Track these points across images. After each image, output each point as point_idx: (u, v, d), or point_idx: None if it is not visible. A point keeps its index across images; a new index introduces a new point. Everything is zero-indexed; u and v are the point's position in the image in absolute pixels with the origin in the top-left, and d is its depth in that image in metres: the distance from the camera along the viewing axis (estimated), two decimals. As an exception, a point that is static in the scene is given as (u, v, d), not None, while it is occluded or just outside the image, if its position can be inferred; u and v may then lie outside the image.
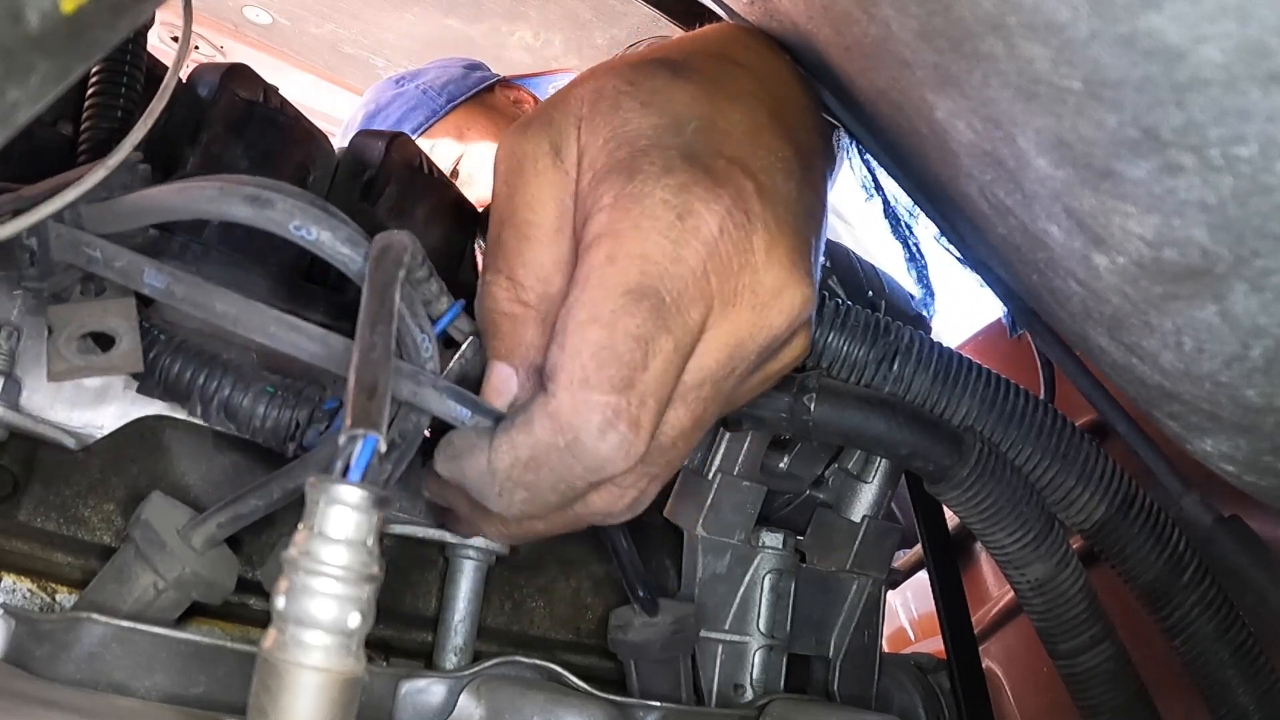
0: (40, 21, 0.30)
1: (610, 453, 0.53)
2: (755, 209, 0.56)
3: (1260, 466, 0.63)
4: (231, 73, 0.75)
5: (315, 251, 0.56)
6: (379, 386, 0.44)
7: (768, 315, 0.57)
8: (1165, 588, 0.80)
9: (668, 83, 0.61)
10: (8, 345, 0.62)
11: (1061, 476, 0.80)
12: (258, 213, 0.55)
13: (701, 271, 0.54)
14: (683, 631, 0.79)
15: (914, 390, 0.79)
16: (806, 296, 0.58)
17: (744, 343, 0.57)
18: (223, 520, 0.62)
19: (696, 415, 0.58)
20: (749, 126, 0.61)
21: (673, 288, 0.53)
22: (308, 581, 0.38)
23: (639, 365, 0.52)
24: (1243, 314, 0.50)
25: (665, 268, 0.53)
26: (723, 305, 0.55)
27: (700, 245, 0.54)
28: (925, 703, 1.02)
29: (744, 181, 0.56)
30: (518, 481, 0.56)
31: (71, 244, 0.57)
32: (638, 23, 1.32)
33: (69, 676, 0.57)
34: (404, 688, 0.69)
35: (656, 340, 0.53)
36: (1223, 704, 0.79)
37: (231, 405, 0.64)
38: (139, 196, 0.58)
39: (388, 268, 0.53)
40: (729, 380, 0.58)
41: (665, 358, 0.53)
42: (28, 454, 0.65)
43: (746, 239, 0.55)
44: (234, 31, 1.64)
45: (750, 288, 0.56)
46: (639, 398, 0.53)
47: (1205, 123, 0.41)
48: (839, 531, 0.93)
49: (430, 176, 0.84)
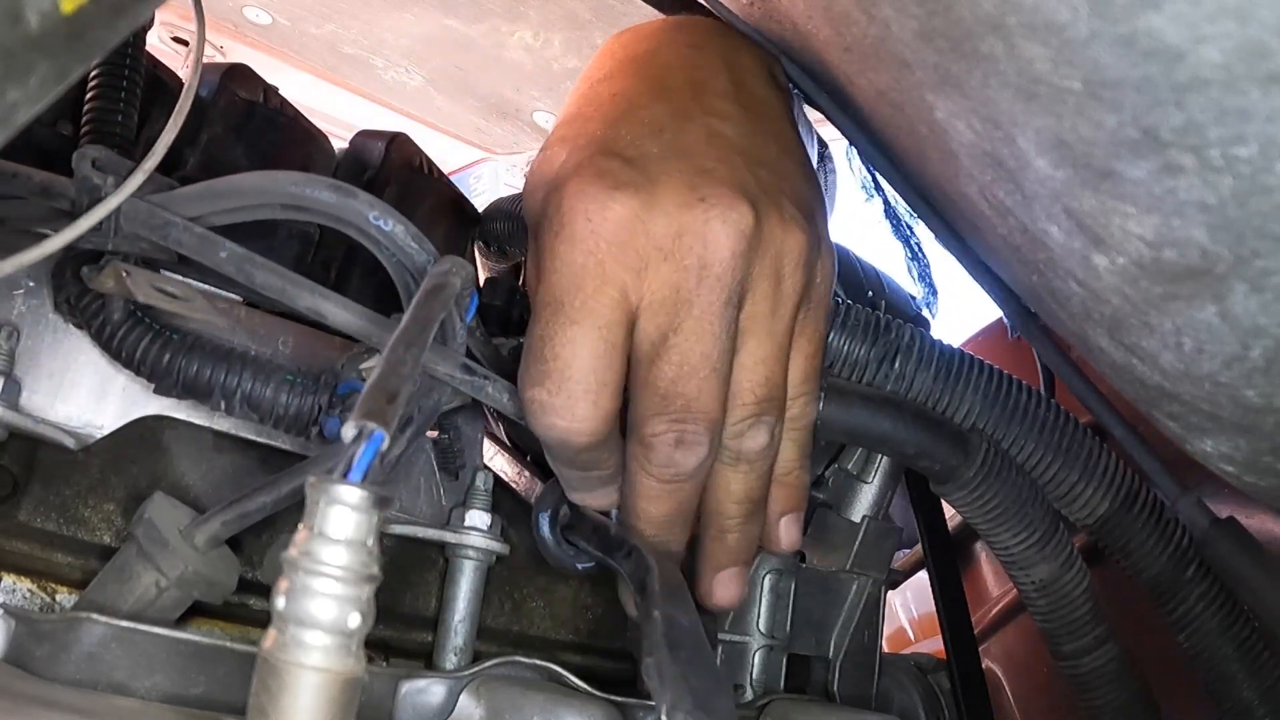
0: (40, 22, 0.30)
1: (549, 434, 0.62)
2: (625, 180, 0.62)
3: (1260, 467, 0.63)
4: (232, 73, 0.75)
5: (384, 242, 0.61)
6: (399, 396, 0.44)
7: (683, 255, 0.61)
8: (1170, 582, 0.80)
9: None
10: (8, 345, 0.62)
11: (1065, 472, 0.80)
12: (341, 200, 0.61)
13: (592, 262, 0.61)
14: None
15: (916, 388, 0.79)
16: (718, 213, 0.62)
17: (682, 287, 0.61)
18: (227, 519, 0.62)
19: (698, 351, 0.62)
20: (620, 110, 0.68)
21: (567, 288, 0.61)
22: (308, 582, 0.38)
23: (546, 358, 0.61)
24: (1243, 314, 0.50)
25: (556, 277, 0.62)
26: (642, 272, 0.62)
27: (579, 244, 0.61)
28: (925, 703, 1.02)
29: (608, 163, 0.63)
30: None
31: (149, 222, 0.60)
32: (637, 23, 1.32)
33: (69, 677, 0.57)
34: (404, 688, 0.69)
35: (561, 333, 0.61)
36: (1227, 699, 0.79)
37: (254, 397, 0.65)
38: (224, 182, 0.62)
39: (434, 306, 0.55)
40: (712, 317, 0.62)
41: (573, 342, 0.61)
42: (28, 454, 0.65)
43: (623, 212, 0.61)
44: (234, 31, 1.63)
45: (652, 244, 0.61)
46: (555, 383, 0.61)
47: (1205, 123, 0.41)
48: (839, 532, 0.93)
49: (430, 176, 0.84)
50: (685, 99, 0.69)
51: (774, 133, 0.71)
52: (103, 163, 0.60)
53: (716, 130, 0.67)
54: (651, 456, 0.64)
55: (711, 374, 0.62)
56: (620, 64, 0.74)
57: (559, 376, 0.61)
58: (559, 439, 0.62)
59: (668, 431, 0.63)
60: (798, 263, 0.65)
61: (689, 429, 0.63)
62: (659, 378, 0.62)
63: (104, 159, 0.60)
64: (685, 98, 0.69)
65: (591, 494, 0.69)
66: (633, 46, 0.76)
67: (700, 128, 0.67)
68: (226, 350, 0.65)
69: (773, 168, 0.67)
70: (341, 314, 0.61)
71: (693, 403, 0.62)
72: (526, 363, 0.62)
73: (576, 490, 0.69)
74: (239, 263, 0.60)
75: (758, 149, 0.68)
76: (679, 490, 0.65)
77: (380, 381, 0.45)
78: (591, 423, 0.61)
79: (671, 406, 0.62)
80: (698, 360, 0.62)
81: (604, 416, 0.62)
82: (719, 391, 0.63)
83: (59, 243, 0.50)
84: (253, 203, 0.61)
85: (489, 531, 0.75)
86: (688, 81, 0.71)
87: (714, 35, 0.78)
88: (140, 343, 0.63)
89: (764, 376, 0.65)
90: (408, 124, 1.84)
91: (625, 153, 0.64)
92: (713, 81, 0.71)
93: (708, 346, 0.62)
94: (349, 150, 0.83)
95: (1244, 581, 0.71)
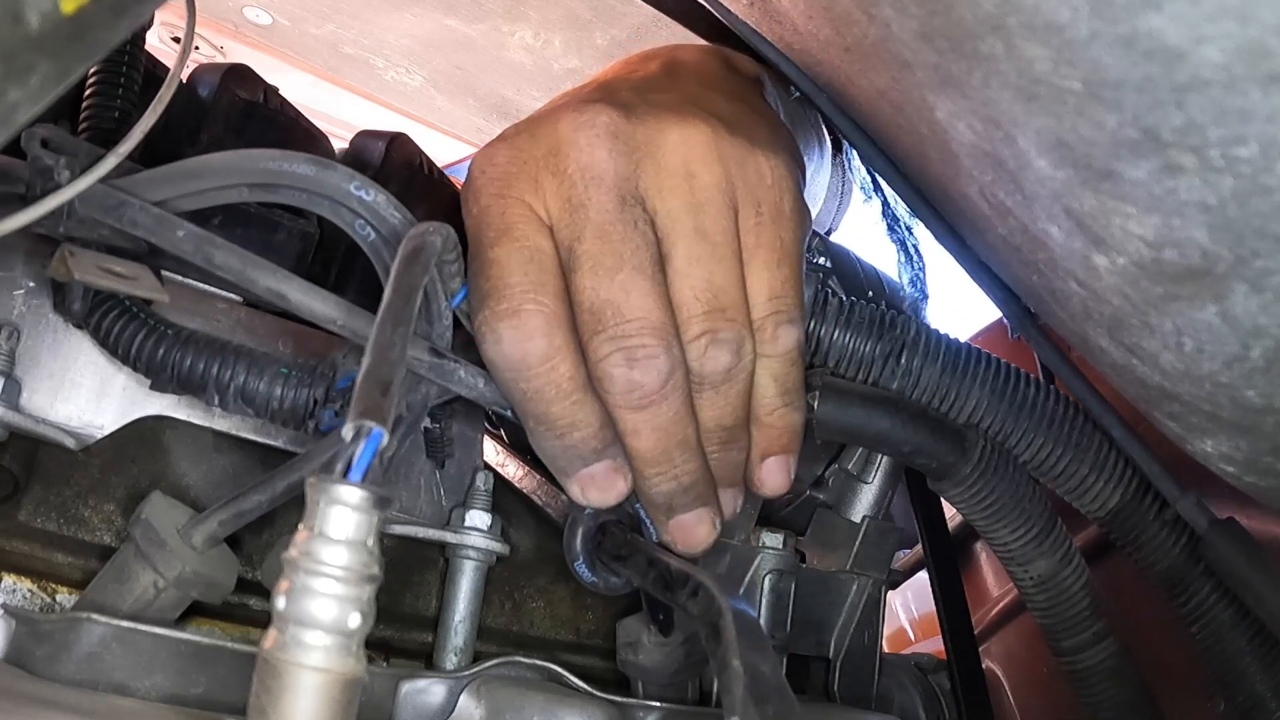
0: (40, 22, 0.30)
1: (507, 355, 0.61)
2: (512, 131, 0.65)
3: (1260, 467, 0.63)
4: (232, 73, 0.75)
5: (364, 214, 0.62)
6: (392, 385, 0.44)
7: (564, 164, 0.62)
8: (1182, 575, 0.79)
9: None
10: (8, 345, 0.62)
11: (1075, 465, 0.80)
12: (320, 172, 0.60)
13: (493, 198, 0.63)
14: (695, 654, 0.78)
15: (923, 384, 0.78)
16: (586, 119, 0.63)
17: (572, 195, 0.62)
18: (224, 518, 0.62)
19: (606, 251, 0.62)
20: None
21: (480, 226, 0.63)
22: (308, 582, 0.38)
23: (480, 285, 0.61)
24: (1243, 315, 0.50)
25: (471, 224, 0.64)
26: (538, 191, 0.63)
27: (481, 192, 0.63)
28: (925, 703, 1.02)
29: (507, 129, 0.66)
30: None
31: (104, 204, 0.59)
32: (638, 23, 1.32)
33: (69, 677, 0.57)
34: (404, 688, 0.69)
35: (484, 255, 0.62)
36: (1240, 692, 0.79)
37: (248, 390, 0.64)
38: (196, 161, 0.60)
39: (416, 271, 0.54)
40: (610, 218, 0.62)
41: (497, 259, 0.61)
42: (28, 454, 0.65)
43: (506, 150, 0.64)
44: (234, 32, 1.63)
45: (539, 166, 0.63)
46: (495, 298, 0.61)
47: (1205, 123, 0.41)
48: (839, 532, 0.93)
49: (430, 175, 0.84)
50: (601, 79, 0.72)
51: (701, 79, 0.73)
52: (55, 143, 0.58)
53: (621, 84, 0.70)
54: (611, 386, 0.62)
55: (632, 273, 0.61)
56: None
57: (496, 293, 0.60)
58: (518, 357, 0.60)
59: (614, 351, 0.61)
60: (709, 156, 0.63)
61: (634, 341, 0.61)
62: (580, 289, 0.61)
63: (55, 139, 0.58)
64: (602, 79, 0.73)
65: (587, 476, 0.65)
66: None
67: (602, 88, 0.69)
68: (221, 344, 0.65)
69: (683, 93, 0.69)
70: (305, 299, 0.60)
71: (623, 308, 0.60)
72: (470, 302, 0.63)
73: (568, 473, 0.65)
74: (197, 243, 0.59)
75: (665, 85, 0.70)
76: (657, 415, 0.63)
77: (372, 372, 0.45)
78: (541, 323, 0.60)
79: (604, 319, 0.61)
80: (610, 261, 0.61)
81: (551, 318, 0.60)
82: (649, 290, 0.61)
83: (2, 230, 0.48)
84: (224, 183, 0.60)
85: (489, 532, 0.76)
86: (613, 73, 0.74)
87: (660, 47, 0.81)
88: (135, 337, 0.63)
89: (704, 281, 0.63)
90: (408, 124, 1.84)
91: (519, 123, 0.67)
92: (643, 69, 0.74)
93: (615, 244, 0.61)
94: (349, 150, 0.83)
95: (1244, 582, 0.71)
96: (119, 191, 0.58)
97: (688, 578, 0.59)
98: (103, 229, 0.60)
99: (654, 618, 0.76)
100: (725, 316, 0.63)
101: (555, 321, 0.60)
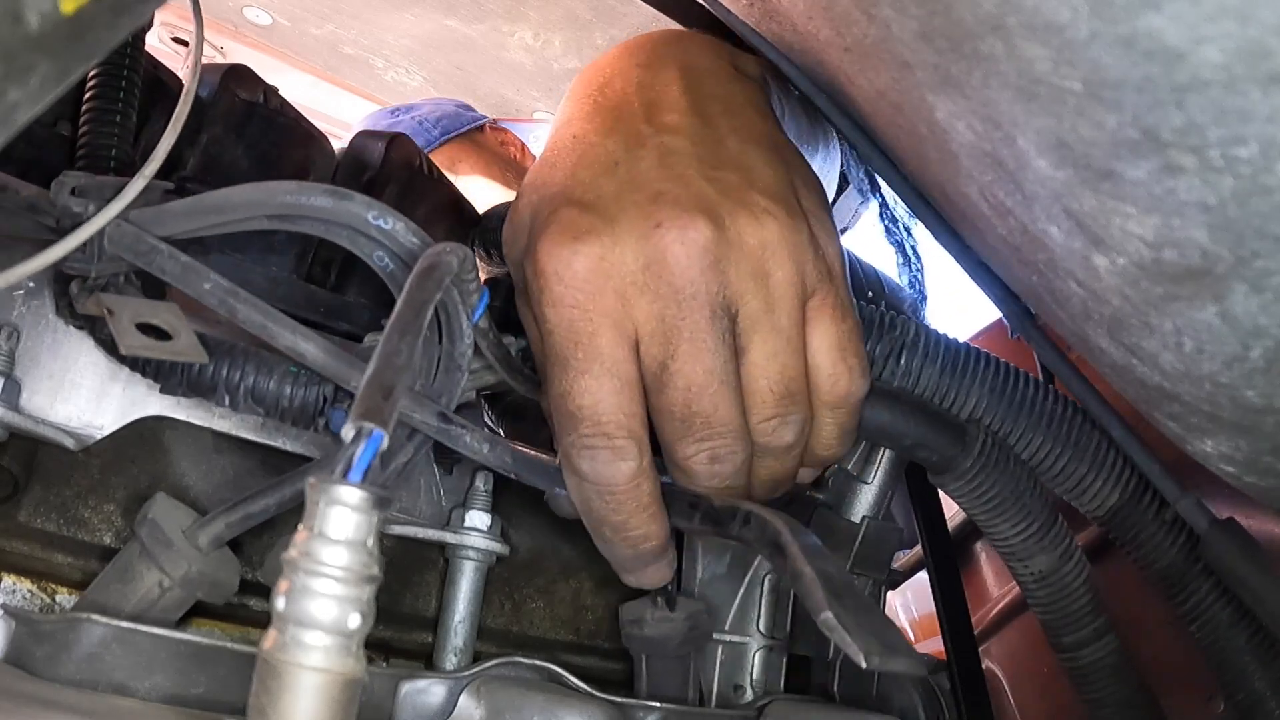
0: (40, 22, 0.30)
1: (600, 478, 0.64)
2: (585, 228, 0.64)
3: (1260, 467, 0.63)
4: (231, 74, 0.75)
5: (384, 241, 0.61)
6: (395, 391, 0.44)
7: (655, 284, 0.63)
8: (1180, 574, 0.79)
9: None
10: (8, 346, 0.62)
11: (1074, 464, 0.80)
12: (338, 204, 0.60)
13: (578, 315, 0.63)
14: (698, 628, 0.79)
15: (923, 383, 0.79)
16: (675, 235, 0.63)
17: (665, 314, 0.63)
18: (231, 520, 0.62)
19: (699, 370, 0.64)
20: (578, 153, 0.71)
21: (566, 345, 0.64)
22: (308, 582, 0.38)
23: (572, 411, 0.64)
24: (1243, 315, 0.50)
25: (553, 339, 0.65)
26: (626, 307, 0.64)
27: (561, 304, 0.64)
28: (925, 703, 1.02)
29: (568, 213, 0.65)
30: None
31: (134, 246, 0.60)
32: (638, 23, 1.32)
33: (69, 677, 0.57)
34: (404, 688, 0.69)
35: (576, 385, 0.64)
36: (1240, 690, 0.79)
37: (258, 390, 0.65)
38: (216, 196, 0.61)
39: (429, 287, 0.54)
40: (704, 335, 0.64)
41: (589, 390, 0.64)
42: (28, 455, 0.65)
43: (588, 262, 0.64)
44: (234, 32, 1.63)
45: (626, 280, 0.64)
46: (590, 427, 0.64)
47: (1205, 124, 0.41)
48: (839, 532, 0.93)
49: (430, 177, 0.84)
50: (638, 125, 0.70)
51: (735, 127, 0.72)
52: (83, 189, 0.60)
53: (670, 148, 0.68)
54: (693, 478, 0.67)
55: (721, 387, 0.64)
56: (580, 104, 0.76)
57: (590, 421, 0.63)
58: (608, 478, 0.64)
59: (699, 453, 0.66)
60: (782, 253, 0.65)
61: (718, 444, 0.65)
62: (672, 404, 0.64)
63: (84, 185, 0.60)
64: (638, 123, 0.70)
65: (648, 574, 0.71)
66: (592, 82, 0.77)
67: (653, 151, 0.68)
68: (229, 346, 0.65)
69: (735, 165, 0.68)
70: (321, 357, 0.61)
71: (711, 418, 0.64)
72: (560, 426, 0.65)
73: (629, 571, 0.71)
74: (223, 295, 0.60)
75: (715, 152, 0.69)
76: (730, 491, 0.68)
77: (375, 376, 0.45)
78: (634, 451, 0.64)
79: (692, 428, 0.65)
80: (702, 379, 0.64)
81: (640, 444, 0.64)
82: (733, 400, 0.65)
83: (26, 270, 0.49)
84: (244, 215, 0.61)
85: (489, 532, 0.76)
86: (641, 105, 0.72)
87: (668, 45, 0.80)
88: None
89: (778, 372, 0.66)
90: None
91: (584, 198, 0.66)
92: (665, 97, 0.73)
93: (708, 363, 0.64)
94: (349, 151, 0.83)
95: (1244, 583, 0.71)
96: (147, 234, 0.60)
97: (735, 510, 0.63)
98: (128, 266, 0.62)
99: (662, 590, 0.78)
100: (794, 401, 0.67)
101: (644, 447, 0.64)
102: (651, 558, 0.69)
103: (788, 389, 0.67)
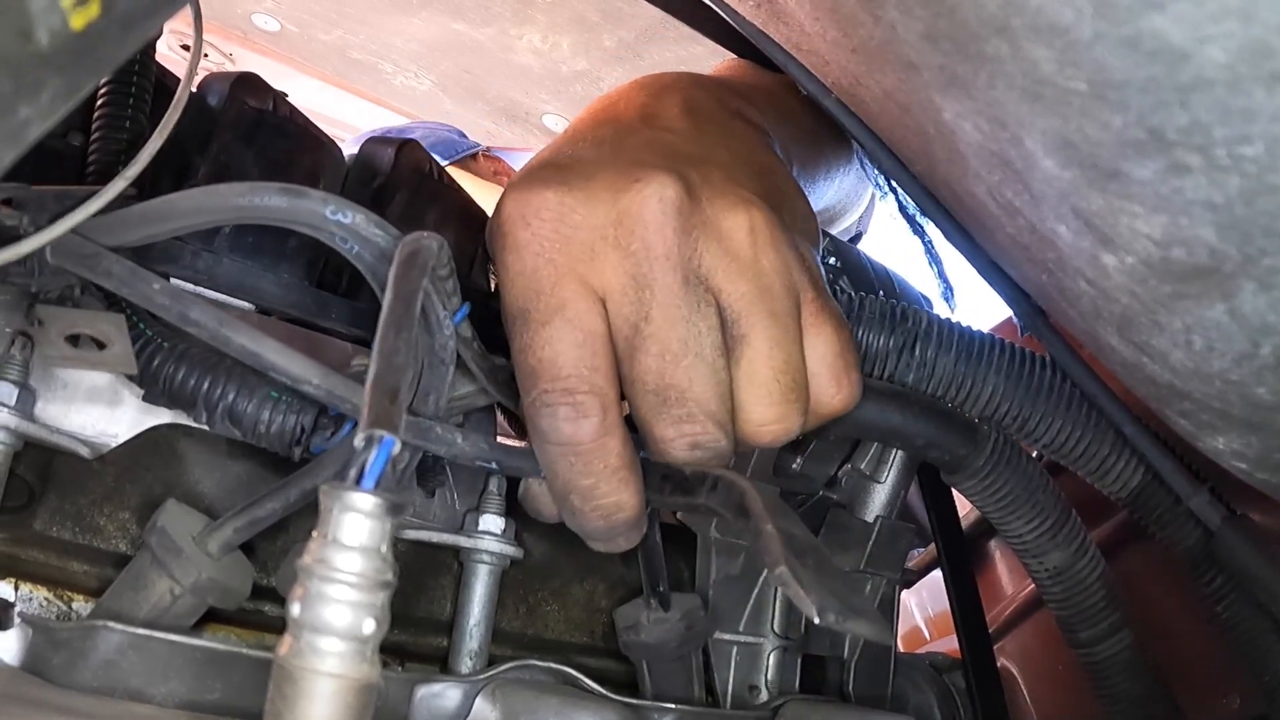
0: (50, 39, 0.30)
1: (559, 434, 0.60)
2: (556, 180, 0.62)
3: (1272, 464, 0.63)
4: (241, 81, 0.76)
5: (346, 236, 0.58)
6: (400, 391, 0.44)
7: (628, 239, 0.61)
8: (1205, 555, 0.79)
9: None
10: (22, 355, 0.63)
11: (1095, 446, 0.80)
12: (292, 202, 0.57)
13: (542, 262, 0.61)
14: (695, 626, 0.79)
15: (938, 374, 0.78)
16: (654, 190, 0.61)
17: (638, 273, 0.61)
18: (239, 525, 0.62)
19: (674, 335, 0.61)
20: (565, 138, 0.70)
21: (527, 294, 0.61)
22: (322, 588, 0.39)
23: (532, 365, 0.61)
24: (1251, 312, 0.50)
25: (513, 288, 0.62)
26: (594, 261, 0.61)
27: (525, 250, 0.62)
28: (940, 702, 1.02)
29: (542, 172, 0.63)
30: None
31: (78, 254, 0.57)
32: (645, 24, 1.32)
33: (85, 684, 0.58)
34: (419, 692, 0.69)
35: (536, 336, 0.61)
36: (1265, 671, 0.79)
37: (236, 411, 0.64)
38: (161, 202, 0.58)
39: (414, 275, 0.53)
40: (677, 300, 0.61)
41: (550, 340, 0.60)
42: (43, 463, 0.65)
43: (558, 206, 0.61)
44: (243, 39, 1.64)
45: (596, 233, 0.61)
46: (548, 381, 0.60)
47: (1210, 123, 0.41)
48: (852, 532, 0.93)
49: (439, 182, 0.85)
50: (633, 122, 0.70)
51: (730, 146, 0.71)
52: (20, 201, 0.57)
53: (661, 140, 0.67)
54: (672, 462, 0.63)
55: (695, 360, 0.61)
56: (579, 118, 0.75)
57: (550, 374, 0.60)
58: (569, 433, 0.60)
59: (679, 437, 0.62)
60: (765, 240, 0.64)
61: (698, 428, 0.62)
62: (645, 371, 0.61)
63: (20, 197, 0.57)
64: (634, 122, 0.70)
65: (616, 541, 0.67)
66: (594, 104, 0.77)
67: (642, 138, 0.67)
68: (215, 361, 0.64)
69: (723, 166, 0.67)
70: (280, 360, 0.59)
71: (686, 393, 0.61)
72: (520, 381, 0.62)
73: (602, 540, 0.67)
74: (172, 298, 0.57)
75: (706, 152, 0.68)
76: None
77: (379, 380, 0.45)
78: (596, 406, 0.60)
79: (668, 402, 0.62)
80: (677, 347, 0.61)
81: (605, 399, 0.61)
82: (710, 379, 0.62)
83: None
84: (193, 221, 0.59)
85: (503, 536, 0.76)
86: (639, 113, 0.72)
87: (675, 80, 0.80)
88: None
89: (784, 363, 0.63)
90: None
91: (561, 161, 0.65)
92: (665, 112, 0.72)
93: (681, 331, 0.61)
94: (358, 157, 0.83)
95: (1257, 578, 0.71)
96: (90, 240, 0.57)
97: (704, 475, 0.60)
98: (72, 277, 0.59)
99: (654, 592, 0.77)
100: (797, 395, 0.64)
101: (609, 403, 0.61)
102: (624, 529, 0.65)
103: (793, 380, 0.64)
